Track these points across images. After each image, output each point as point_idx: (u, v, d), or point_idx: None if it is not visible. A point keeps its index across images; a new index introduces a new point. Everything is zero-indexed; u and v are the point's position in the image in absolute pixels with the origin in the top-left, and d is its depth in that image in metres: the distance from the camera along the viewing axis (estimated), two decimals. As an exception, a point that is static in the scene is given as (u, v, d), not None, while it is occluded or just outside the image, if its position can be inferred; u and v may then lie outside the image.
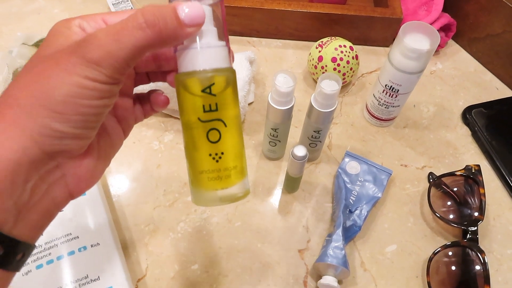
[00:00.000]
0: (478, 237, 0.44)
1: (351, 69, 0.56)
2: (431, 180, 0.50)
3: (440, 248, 0.44)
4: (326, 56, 0.55)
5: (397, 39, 0.45)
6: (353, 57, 0.55)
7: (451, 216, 0.46)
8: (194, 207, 0.48)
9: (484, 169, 0.51)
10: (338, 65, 0.54)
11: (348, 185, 0.48)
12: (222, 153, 0.27)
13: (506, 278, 0.45)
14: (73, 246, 0.40)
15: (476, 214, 0.45)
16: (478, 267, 0.42)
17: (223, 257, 0.45)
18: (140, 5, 0.70)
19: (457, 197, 0.48)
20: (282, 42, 0.66)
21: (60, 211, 0.25)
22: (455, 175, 0.49)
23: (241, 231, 0.46)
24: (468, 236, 0.44)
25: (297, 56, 0.64)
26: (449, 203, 0.48)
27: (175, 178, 0.50)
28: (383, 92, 0.51)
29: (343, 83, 0.58)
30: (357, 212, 0.46)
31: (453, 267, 0.44)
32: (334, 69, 0.55)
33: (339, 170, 0.49)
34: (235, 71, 0.27)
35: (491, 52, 0.63)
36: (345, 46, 0.55)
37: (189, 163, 0.29)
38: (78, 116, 0.21)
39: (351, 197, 0.47)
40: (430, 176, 0.51)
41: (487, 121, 0.56)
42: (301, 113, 0.56)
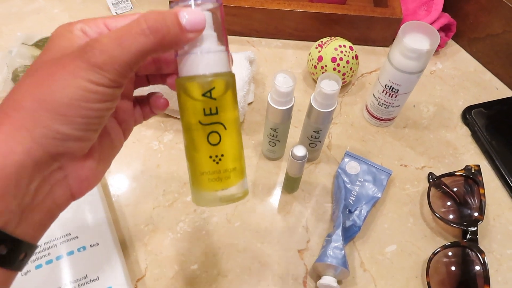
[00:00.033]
0: (478, 237, 0.44)
1: (351, 69, 0.56)
2: (431, 180, 0.50)
3: (440, 248, 0.44)
4: (326, 56, 0.55)
5: (397, 39, 0.45)
6: (353, 57, 0.55)
7: (451, 216, 0.46)
8: (194, 207, 0.48)
9: (484, 169, 0.51)
10: (338, 65, 0.54)
11: (348, 185, 0.48)
12: (222, 155, 0.28)
13: (506, 278, 0.45)
14: (73, 246, 0.40)
15: (476, 214, 0.45)
16: (478, 267, 0.42)
17: (223, 257, 0.44)
18: (140, 5, 0.70)
19: (457, 197, 0.48)
20: (282, 42, 0.66)
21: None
22: (455, 175, 0.49)
23: (241, 231, 0.46)
24: (468, 236, 0.44)
25: (297, 56, 0.64)
26: (449, 203, 0.48)
27: (175, 178, 0.50)
28: (383, 92, 0.51)
29: (343, 83, 0.58)
30: (357, 212, 0.46)
31: (453, 267, 0.43)
32: (334, 69, 0.55)
33: (339, 170, 0.49)
34: (234, 75, 0.28)
35: (491, 52, 0.63)
36: (345, 46, 0.55)
37: (190, 164, 0.30)
38: (82, 119, 0.22)
39: (351, 197, 0.47)
40: (430, 176, 0.51)
41: (487, 121, 0.56)
42: (301, 113, 0.56)
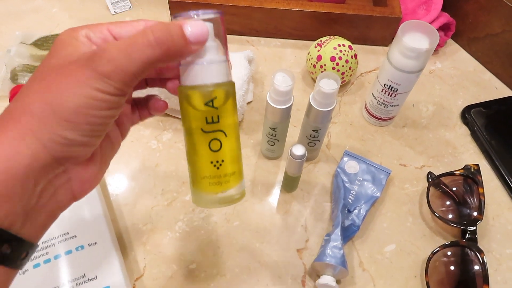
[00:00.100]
0: (477, 237, 0.44)
1: (350, 68, 0.56)
2: (430, 180, 0.50)
3: (439, 248, 0.44)
4: (325, 55, 0.54)
5: (396, 38, 0.45)
6: (352, 56, 0.55)
7: (450, 216, 0.46)
8: (192, 207, 0.47)
9: (483, 169, 0.51)
10: (337, 64, 0.54)
11: (347, 185, 0.48)
12: (223, 161, 0.30)
13: (505, 278, 0.44)
14: (71, 245, 0.40)
15: (475, 214, 0.45)
16: (477, 267, 0.42)
17: (221, 257, 0.44)
18: (139, 4, 0.70)
19: (456, 197, 0.48)
20: (281, 42, 0.66)
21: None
22: (454, 175, 0.49)
23: (240, 231, 0.46)
24: (467, 236, 0.44)
25: (296, 56, 0.64)
26: (448, 203, 0.48)
27: (173, 177, 0.50)
28: (382, 91, 0.51)
29: (342, 82, 0.58)
30: (356, 212, 0.46)
31: (452, 267, 0.43)
32: (333, 68, 0.54)
33: (338, 170, 0.49)
34: (234, 83, 0.29)
35: (491, 52, 0.63)
36: (344, 45, 0.55)
37: (191, 168, 0.31)
38: (88, 125, 0.23)
39: (350, 197, 0.47)
40: (429, 176, 0.51)
41: (486, 121, 0.56)
42: (300, 112, 0.56)
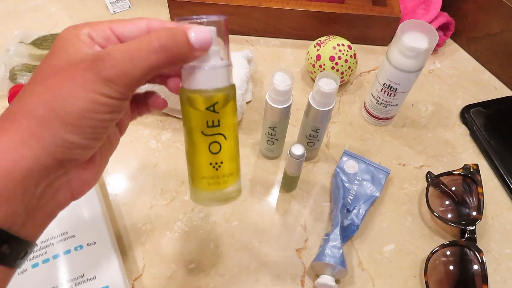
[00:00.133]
0: (476, 237, 0.44)
1: (349, 68, 0.56)
2: (429, 179, 0.50)
3: (438, 248, 0.44)
4: (324, 55, 0.54)
5: (395, 38, 0.45)
6: (351, 56, 0.55)
7: (449, 216, 0.46)
8: (191, 206, 0.47)
9: (483, 168, 0.51)
10: (336, 64, 0.54)
11: (346, 184, 0.48)
12: (222, 162, 0.30)
13: (504, 278, 0.44)
14: (69, 245, 0.40)
15: (474, 214, 0.45)
16: (476, 267, 0.42)
17: (220, 257, 0.44)
18: (138, 4, 0.69)
19: (455, 197, 0.48)
20: (280, 41, 0.66)
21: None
22: (453, 174, 0.49)
23: (239, 230, 0.46)
24: (466, 236, 0.44)
25: (295, 55, 0.64)
26: (447, 203, 0.48)
27: (173, 177, 0.50)
28: (381, 91, 0.51)
29: (341, 82, 0.58)
30: (355, 211, 0.46)
31: (451, 267, 0.43)
32: (332, 68, 0.54)
33: (337, 169, 0.49)
34: (235, 86, 0.29)
35: (490, 52, 0.63)
36: (343, 45, 0.55)
37: (191, 168, 0.32)
38: (90, 129, 0.23)
39: (349, 196, 0.47)
40: (428, 175, 0.51)
41: (486, 120, 0.56)
42: (299, 112, 0.56)
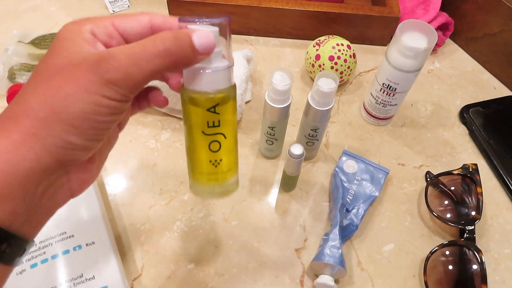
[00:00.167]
0: (475, 236, 0.44)
1: (349, 68, 0.56)
2: (429, 179, 0.50)
3: (437, 247, 0.44)
4: (324, 55, 0.54)
5: (395, 37, 0.45)
6: (351, 56, 0.55)
7: (448, 215, 0.46)
8: (191, 206, 0.47)
9: (482, 168, 0.51)
10: (336, 64, 0.54)
11: (345, 184, 0.48)
12: (221, 160, 0.31)
13: (504, 278, 0.44)
14: (68, 245, 0.39)
15: (474, 213, 0.45)
16: (475, 267, 0.42)
17: (219, 257, 0.44)
18: (137, 3, 0.69)
19: (455, 196, 0.48)
20: (280, 41, 0.66)
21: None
22: (453, 174, 0.49)
23: (238, 230, 0.46)
24: (465, 235, 0.44)
25: (295, 55, 0.64)
26: (447, 202, 0.48)
27: (172, 177, 0.50)
28: (381, 91, 0.51)
29: (341, 82, 0.58)
30: (354, 211, 0.46)
31: (450, 267, 0.43)
32: (332, 68, 0.54)
33: (336, 169, 0.49)
34: (236, 85, 0.29)
35: (489, 52, 0.63)
36: (343, 45, 0.55)
37: (191, 164, 0.33)
38: (92, 130, 0.23)
39: (348, 196, 0.47)
40: (428, 175, 0.51)
41: (485, 120, 0.56)
42: (298, 112, 0.56)
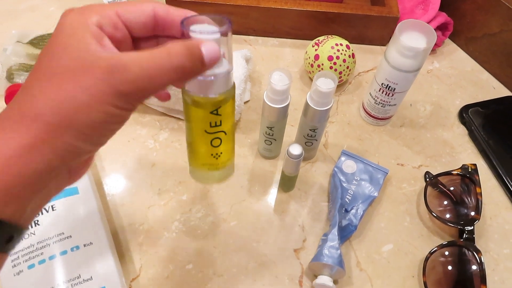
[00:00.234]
0: (475, 237, 0.44)
1: (348, 68, 0.55)
2: (428, 179, 0.50)
3: (437, 248, 0.44)
4: (323, 55, 0.54)
5: (394, 37, 0.45)
6: (350, 56, 0.55)
7: (448, 216, 0.46)
8: (189, 207, 0.47)
9: (481, 168, 0.51)
10: (335, 64, 0.54)
11: (344, 184, 0.47)
12: (221, 153, 0.34)
13: (503, 278, 0.44)
14: (66, 246, 0.39)
15: (473, 214, 0.45)
16: (475, 267, 0.42)
17: (218, 257, 0.44)
18: None
19: (454, 197, 0.48)
20: (279, 41, 0.66)
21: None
22: (452, 174, 0.49)
23: (237, 231, 0.46)
24: (465, 236, 0.44)
25: (294, 55, 0.64)
26: (446, 203, 0.48)
27: (170, 177, 0.49)
28: (380, 91, 0.50)
29: (340, 82, 0.57)
30: (353, 211, 0.45)
31: (450, 267, 0.43)
32: (331, 68, 0.54)
33: (335, 169, 0.49)
34: (235, 84, 0.30)
35: (488, 52, 0.63)
36: (342, 45, 0.55)
37: (192, 155, 0.35)
38: (100, 137, 0.24)
39: (347, 196, 0.46)
40: (427, 175, 0.51)
41: (484, 120, 0.56)
42: (297, 112, 0.56)
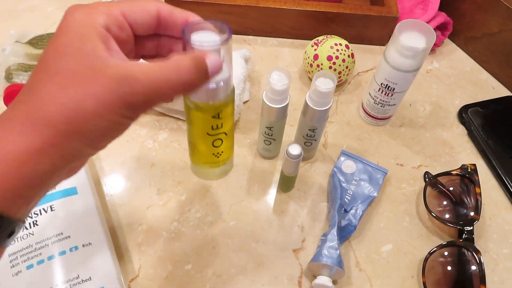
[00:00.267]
0: (474, 237, 0.44)
1: (347, 68, 0.55)
2: (427, 180, 0.50)
3: (436, 248, 0.44)
4: (322, 55, 0.54)
5: (393, 37, 0.45)
6: (349, 56, 0.55)
7: (447, 216, 0.46)
8: (188, 207, 0.47)
9: (480, 169, 0.51)
10: (334, 64, 0.54)
11: (344, 184, 0.47)
12: (222, 152, 0.36)
13: (502, 278, 0.44)
14: (65, 246, 0.39)
15: (472, 214, 0.45)
16: (474, 267, 0.42)
17: (217, 257, 0.44)
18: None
19: (453, 197, 0.48)
20: (278, 41, 0.66)
21: None
22: (451, 175, 0.49)
23: (236, 231, 0.46)
24: (464, 236, 0.44)
25: (293, 55, 0.64)
26: (445, 203, 0.48)
27: (169, 177, 0.49)
28: (379, 91, 0.50)
29: (339, 82, 0.57)
30: (352, 212, 0.45)
31: (449, 267, 0.43)
32: (330, 68, 0.54)
33: (335, 169, 0.49)
34: (234, 86, 0.32)
35: (488, 51, 0.62)
36: (341, 45, 0.55)
37: (194, 154, 0.38)
38: (105, 143, 0.25)
39: (346, 196, 0.46)
40: (426, 175, 0.51)
41: (483, 120, 0.56)
42: (297, 112, 0.56)
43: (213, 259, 0.44)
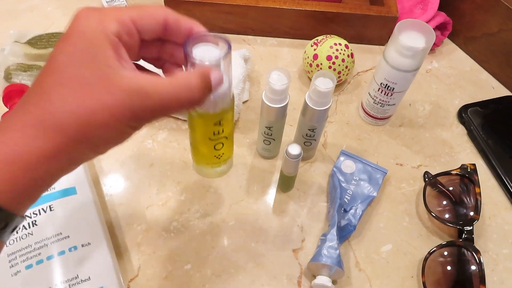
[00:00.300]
0: (474, 237, 0.44)
1: (347, 67, 0.55)
2: (427, 179, 0.50)
3: (436, 248, 0.44)
4: (321, 54, 0.54)
5: (392, 37, 0.45)
6: (349, 55, 0.55)
7: (447, 216, 0.46)
8: (187, 207, 0.47)
9: (480, 168, 0.51)
10: (333, 63, 0.54)
11: (343, 184, 0.47)
12: (223, 153, 0.39)
13: (502, 278, 0.44)
14: (64, 246, 0.39)
15: (472, 214, 0.45)
16: (474, 267, 0.42)
17: (217, 257, 0.44)
18: (134, 2, 0.69)
19: (453, 197, 0.48)
20: (278, 40, 0.66)
21: None
22: (451, 174, 0.49)
23: (235, 231, 0.46)
24: (464, 236, 0.44)
25: (292, 55, 0.64)
26: (445, 203, 0.48)
27: (169, 177, 0.49)
28: (379, 91, 0.50)
29: (339, 82, 0.57)
30: (352, 212, 0.45)
31: (449, 267, 0.43)
32: (330, 67, 0.54)
33: (334, 169, 0.49)
34: (234, 94, 0.34)
35: (487, 51, 0.62)
36: (341, 44, 0.55)
37: (196, 156, 0.42)
38: (108, 149, 0.26)
39: (346, 196, 0.46)
40: (426, 175, 0.51)
41: (483, 120, 0.56)
42: (296, 112, 0.55)
43: (213, 259, 0.44)
